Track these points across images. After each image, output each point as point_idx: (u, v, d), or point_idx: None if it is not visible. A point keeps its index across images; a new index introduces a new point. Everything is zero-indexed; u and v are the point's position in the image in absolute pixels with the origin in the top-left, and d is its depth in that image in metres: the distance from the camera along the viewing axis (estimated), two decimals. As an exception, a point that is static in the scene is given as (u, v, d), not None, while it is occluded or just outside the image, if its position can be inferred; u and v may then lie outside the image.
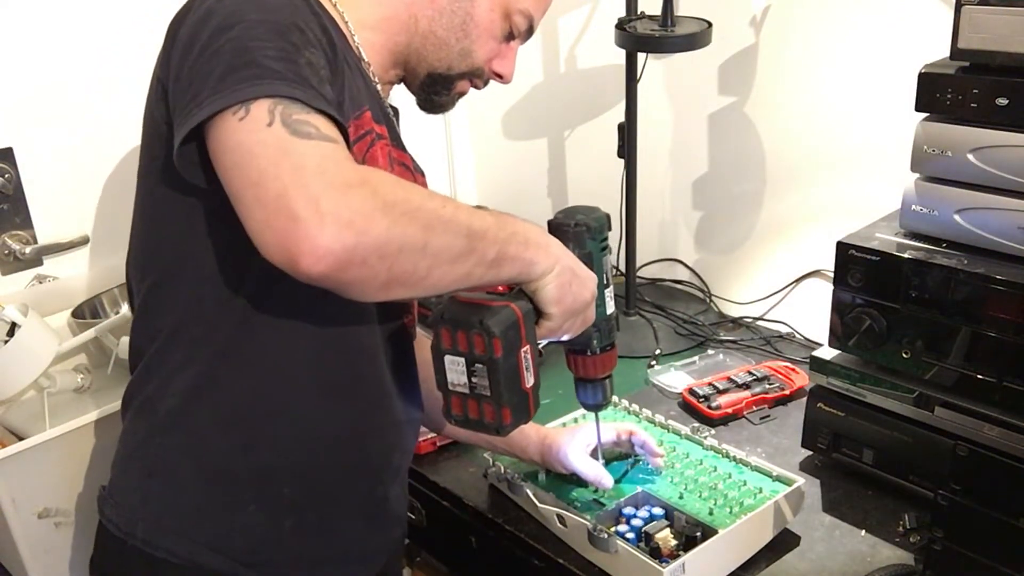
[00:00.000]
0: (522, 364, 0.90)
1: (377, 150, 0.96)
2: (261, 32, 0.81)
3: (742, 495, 1.18)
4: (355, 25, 1.00)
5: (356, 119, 0.93)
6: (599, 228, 0.99)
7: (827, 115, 1.61)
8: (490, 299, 0.90)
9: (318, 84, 0.81)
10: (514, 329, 0.88)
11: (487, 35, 1.04)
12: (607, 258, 1.01)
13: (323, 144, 0.76)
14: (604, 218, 1.01)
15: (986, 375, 1.11)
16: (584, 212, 1.00)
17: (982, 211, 1.12)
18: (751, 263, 1.82)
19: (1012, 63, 1.06)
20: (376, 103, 1.00)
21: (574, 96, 2.00)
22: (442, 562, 1.50)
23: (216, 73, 0.79)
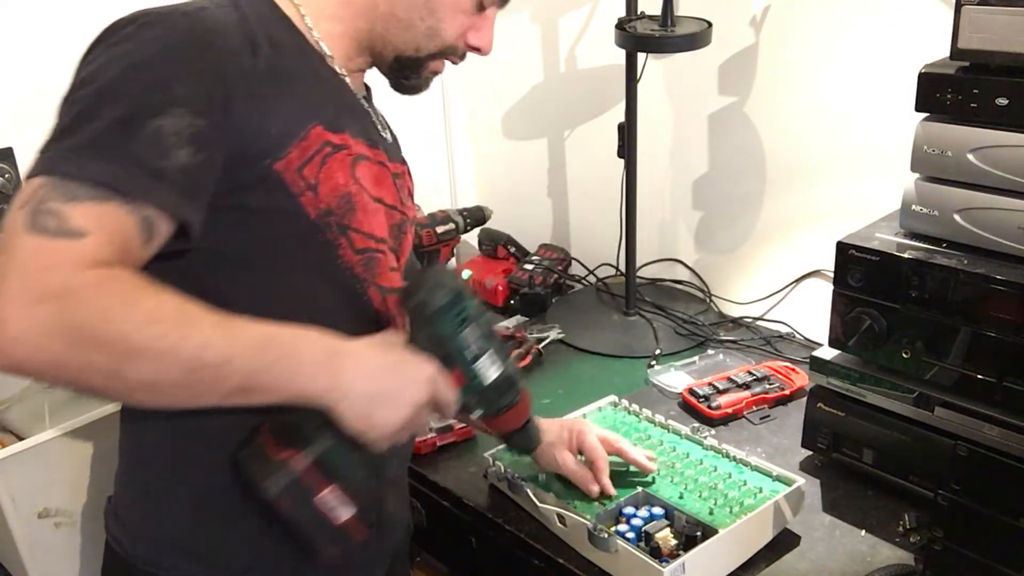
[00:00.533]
0: (322, 508, 0.85)
1: (333, 165, 0.92)
2: (113, 96, 0.80)
3: (742, 495, 1.18)
4: (313, 18, 0.97)
5: (301, 141, 0.89)
6: (446, 306, 0.90)
7: (827, 115, 1.61)
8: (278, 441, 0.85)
9: (154, 156, 0.78)
10: (296, 486, 0.84)
11: (454, 10, 0.98)
12: (466, 332, 0.91)
13: (50, 243, 0.74)
14: (453, 290, 0.91)
15: (986, 375, 1.11)
16: (429, 287, 0.91)
17: (982, 211, 1.12)
18: (751, 263, 1.82)
19: (1012, 63, 1.06)
20: (340, 104, 0.98)
21: (574, 96, 2.00)
22: (442, 562, 1.50)
23: (54, 131, 0.80)
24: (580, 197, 2.10)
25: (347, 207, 0.94)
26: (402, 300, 0.94)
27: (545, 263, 1.98)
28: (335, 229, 0.93)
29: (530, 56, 2.00)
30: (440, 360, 0.91)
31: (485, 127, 2.21)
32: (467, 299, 0.92)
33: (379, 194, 1.00)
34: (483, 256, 2.08)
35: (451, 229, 1.93)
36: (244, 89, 0.85)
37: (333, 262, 0.95)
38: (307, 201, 0.90)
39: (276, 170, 0.88)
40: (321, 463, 0.85)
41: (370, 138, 1.00)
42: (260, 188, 0.88)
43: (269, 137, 0.87)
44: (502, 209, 2.09)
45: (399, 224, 1.05)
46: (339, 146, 0.94)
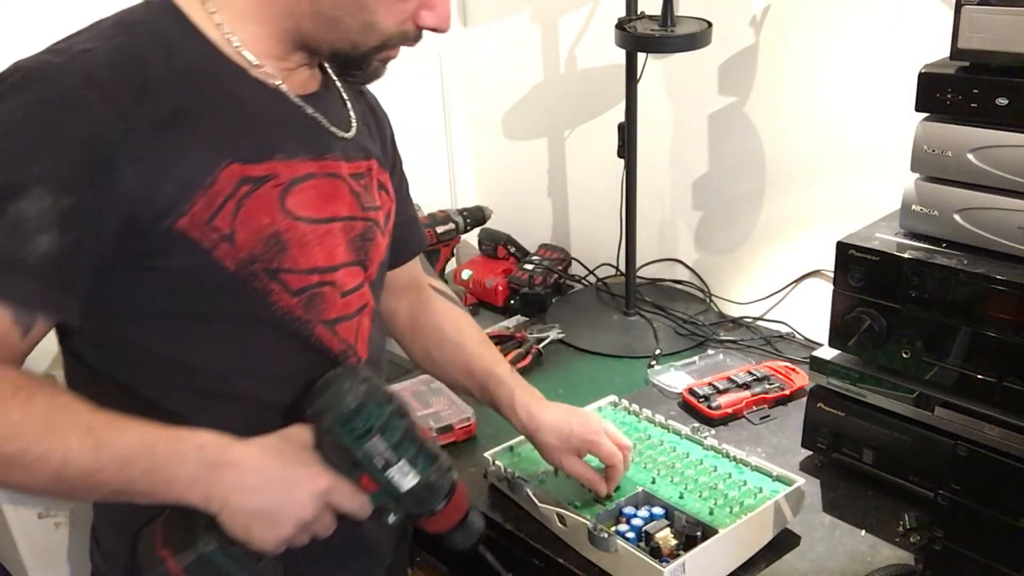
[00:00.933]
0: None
1: (253, 205, 0.86)
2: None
3: (742, 495, 1.18)
4: (230, 24, 0.88)
5: (207, 189, 0.83)
6: (349, 414, 0.85)
7: (827, 115, 1.61)
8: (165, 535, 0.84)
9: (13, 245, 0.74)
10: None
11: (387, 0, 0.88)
12: (374, 441, 0.86)
13: None
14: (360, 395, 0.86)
15: (986, 375, 1.11)
16: (333, 393, 0.86)
17: (982, 211, 1.12)
18: (751, 263, 1.82)
19: (1012, 63, 1.06)
20: (268, 124, 0.90)
21: (574, 96, 2.00)
22: (442, 562, 1.50)
23: None
24: (580, 197, 2.10)
25: (275, 248, 0.88)
26: (305, 403, 0.88)
27: (545, 263, 1.98)
28: (262, 276, 0.88)
29: (530, 56, 2.00)
30: (347, 465, 0.87)
31: (485, 127, 2.20)
32: (374, 406, 0.86)
33: (329, 212, 0.94)
34: (483, 256, 2.08)
35: (451, 229, 1.93)
36: (127, 150, 0.79)
37: (266, 309, 0.89)
38: (223, 253, 0.85)
39: (180, 228, 0.82)
40: (200, 565, 0.83)
41: (315, 149, 0.93)
42: (167, 250, 0.83)
43: (164, 196, 0.81)
44: (502, 209, 2.09)
45: (362, 234, 0.99)
46: (262, 179, 0.87)
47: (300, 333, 0.93)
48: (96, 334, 0.87)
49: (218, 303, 0.88)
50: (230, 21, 0.88)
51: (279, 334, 0.92)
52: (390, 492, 0.88)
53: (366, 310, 1.01)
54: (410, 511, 0.91)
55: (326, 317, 0.95)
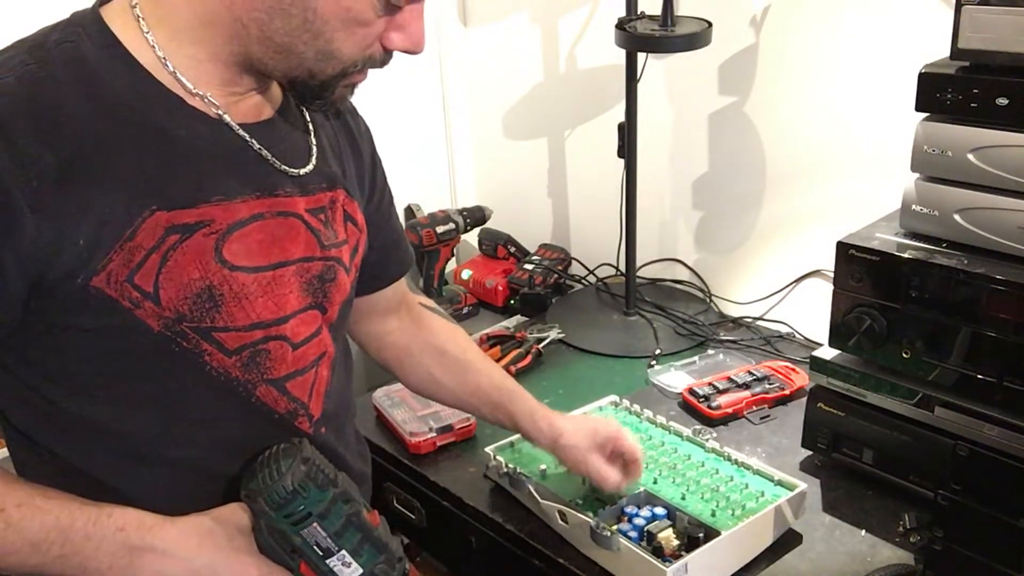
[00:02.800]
0: None
1: (181, 258, 0.78)
2: None
3: (744, 498, 1.18)
4: (166, 47, 0.78)
5: (125, 243, 0.75)
6: (283, 500, 0.79)
7: (827, 115, 1.61)
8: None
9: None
10: None
11: (347, 25, 0.78)
12: (312, 528, 0.81)
13: None
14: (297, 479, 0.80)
15: (986, 375, 1.11)
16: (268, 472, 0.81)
17: (982, 211, 1.12)
18: (751, 263, 1.82)
19: (1012, 63, 1.06)
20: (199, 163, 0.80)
21: (574, 96, 2.00)
22: (442, 562, 1.50)
23: None
24: (580, 197, 2.10)
25: (208, 305, 0.80)
26: (242, 481, 0.83)
27: (545, 263, 1.98)
28: (192, 336, 0.80)
29: (530, 56, 2.00)
30: (287, 549, 0.82)
31: (485, 127, 2.21)
32: (314, 490, 0.81)
33: (279, 256, 0.85)
34: (483, 256, 2.08)
35: (451, 229, 1.93)
36: (29, 200, 0.71)
37: (198, 372, 0.82)
38: (145, 314, 0.77)
39: (95, 286, 0.75)
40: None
41: (262, 187, 0.84)
42: (82, 308, 0.75)
43: (75, 250, 0.73)
44: (502, 209, 2.09)
45: (321, 274, 0.90)
46: (193, 226, 0.78)
47: (238, 394, 0.85)
48: (14, 394, 0.82)
49: (142, 364, 0.80)
50: (166, 42, 0.78)
51: (214, 396, 0.84)
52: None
53: (324, 359, 0.93)
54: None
55: (272, 376, 0.87)
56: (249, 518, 0.82)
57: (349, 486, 0.85)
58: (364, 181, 1.01)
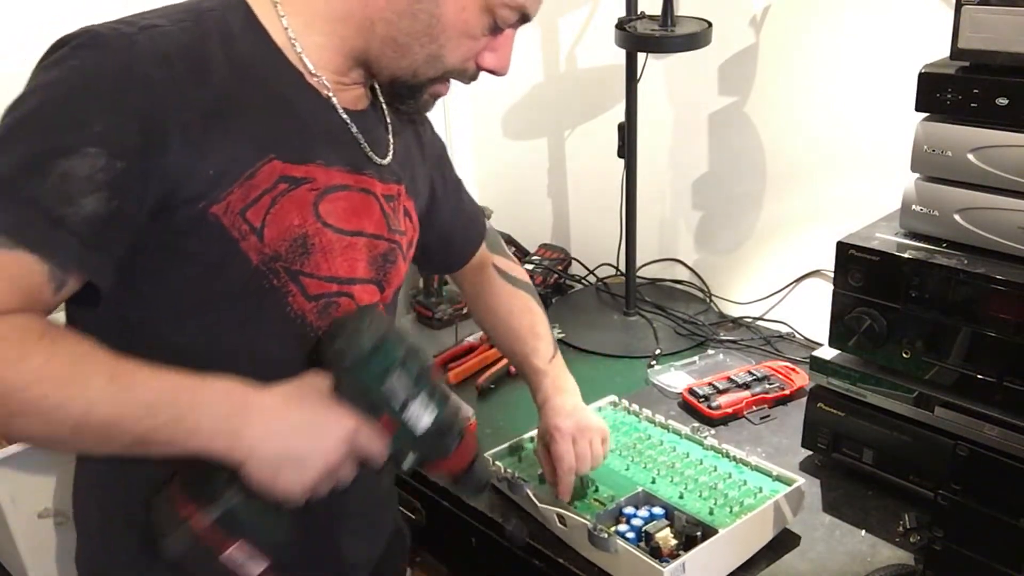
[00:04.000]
0: (232, 564, 0.82)
1: (287, 204, 0.86)
2: (27, 129, 0.76)
3: (742, 495, 1.18)
4: (299, 31, 0.89)
5: (246, 180, 0.83)
6: (367, 354, 0.84)
7: (827, 115, 1.61)
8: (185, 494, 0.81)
9: (58, 202, 0.74)
10: (199, 544, 0.80)
11: (460, 36, 0.90)
12: (392, 379, 0.85)
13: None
14: (376, 335, 0.85)
15: (986, 375, 1.11)
16: (348, 334, 0.85)
17: (982, 211, 1.12)
18: (751, 263, 1.82)
19: (1012, 63, 1.06)
20: (313, 130, 0.90)
21: (574, 96, 2.00)
22: (442, 562, 1.50)
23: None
24: (580, 197, 2.10)
25: (301, 250, 0.88)
26: (321, 349, 0.87)
27: (545, 263, 1.98)
28: (283, 275, 0.87)
29: (530, 56, 2.00)
30: (366, 407, 0.85)
31: (485, 127, 2.20)
32: (391, 344, 0.86)
33: (357, 226, 0.94)
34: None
35: (451, 229, 1.93)
36: (180, 128, 0.79)
37: (281, 309, 0.88)
38: (249, 246, 0.84)
39: (213, 214, 0.82)
40: (226, 520, 0.81)
41: (353, 164, 0.94)
42: (196, 232, 0.82)
43: (206, 178, 0.81)
44: (502, 209, 2.09)
45: (385, 254, 0.98)
46: (300, 180, 0.87)
47: (309, 339, 0.91)
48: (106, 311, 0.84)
49: (234, 294, 0.87)
50: (298, 28, 0.89)
51: (289, 336, 0.90)
52: (407, 433, 0.87)
53: None
54: (426, 453, 0.90)
55: None
56: (329, 383, 0.86)
57: (415, 342, 0.89)
58: (427, 181, 1.13)
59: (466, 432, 0.93)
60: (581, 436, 1.19)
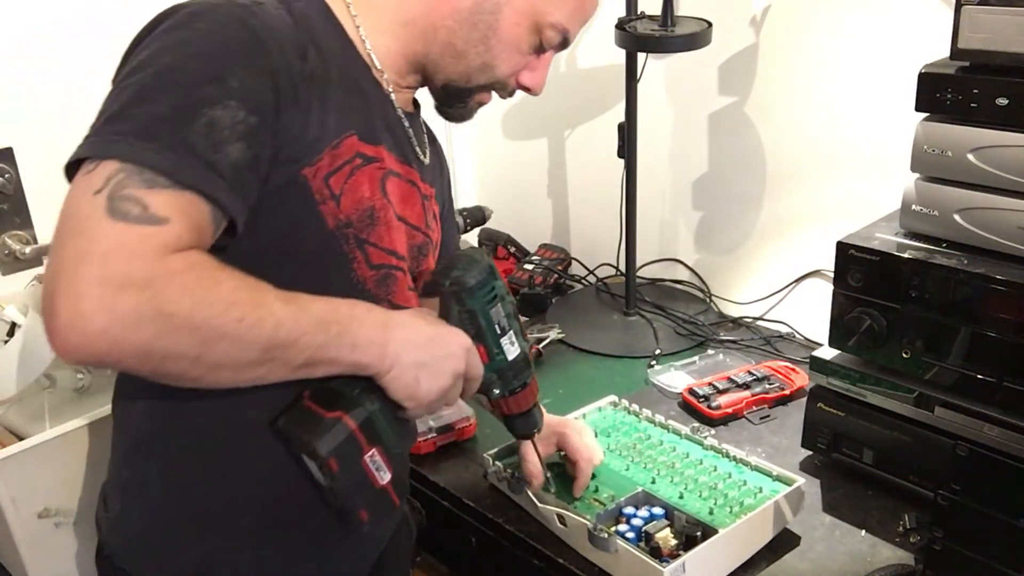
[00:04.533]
0: (368, 468, 0.88)
1: (361, 177, 0.93)
2: (168, 81, 0.79)
3: (742, 495, 1.18)
4: (369, 30, 0.97)
5: (333, 149, 0.90)
6: (479, 283, 0.95)
7: (827, 115, 1.61)
8: (325, 405, 0.87)
9: (208, 148, 0.78)
10: (348, 443, 0.86)
11: (511, 49, 0.99)
12: (496, 309, 0.97)
13: (135, 229, 0.73)
14: (486, 268, 0.96)
15: (986, 375, 1.11)
16: (463, 266, 0.96)
17: (982, 211, 1.12)
18: (751, 263, 1.82)
19: (1012, 63, 1.06)
20: (379, 118, 0.97)
21: (574, 96, 2.00)
22: (442, 562, 1.50)
23: (107, 113, 0.79)
24: (580, 197, 2.10)
25: (368, 221, 0.94)
26: (437, 277, 0.97)
27: (545, 263, 1.98)
28: (352, 241, 0.93)
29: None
30: (472, 333, 0.95)
31: (485, 127, 2.21)
32: (497, 281, 0.97)
33: (404, 213, 1.00)
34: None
35: (451, 229, 1.93)
36: (291, 92, 0.85)
37: (346, 275, 0.94)
38: (328, 210, 0.90)
39: (304, 175, 0.88)
40: (367, 425, 0.87)
41: (404, 156, 1.01)
42: (285, 191, 0.87)
43: (306, 141, 0.87)
44: (502, 209, 2.09)
45: (420, 245, 1.04)
46: (371, 158, 0.94)
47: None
48: None
49: (307, 255, 0.92)
50: (367, 27, 0.97)
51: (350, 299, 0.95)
52: (497, 363, 0.99)
53: None
54: (508, 383, 1.02)
55: (393, 300, 0.99)
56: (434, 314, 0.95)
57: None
58: (441, 198, 1.18)
59: (532, 377, 1.05)
60: (585, 431, 1.25)
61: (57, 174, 0.78)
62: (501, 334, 0.98)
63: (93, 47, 1.57)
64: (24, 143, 1.52)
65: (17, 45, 1.51)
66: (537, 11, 0.98)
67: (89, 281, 0.70)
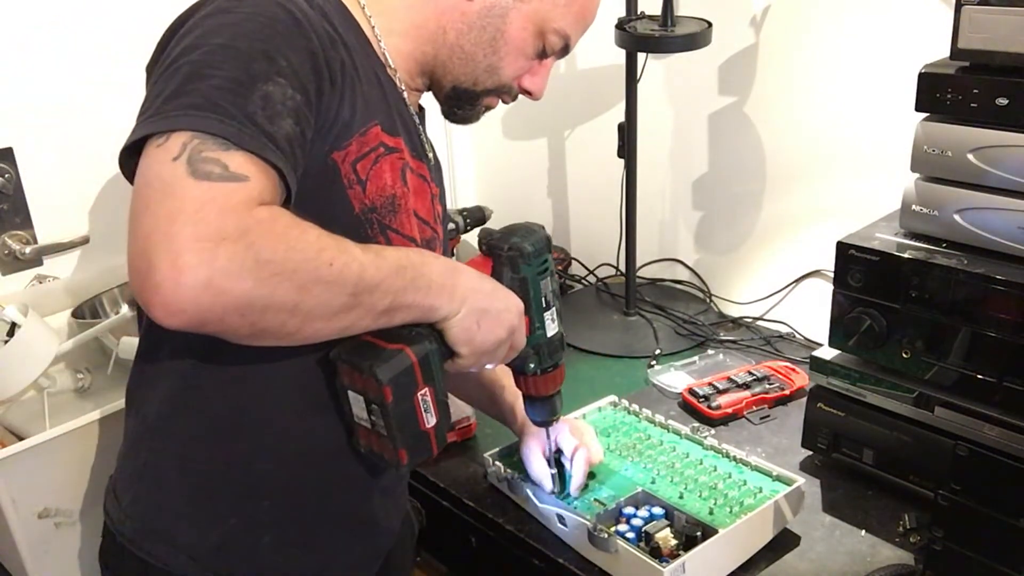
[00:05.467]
0: (419, 406, 0.90)
1: (384, 165, 0.95)
2: (221, 58, 0.81)
3: (742, 495, 1.18)
4: (383, 31, 0.99)
5: (361, 135, 0.92)
6: (535, 252, 0.99)
7: (827, 115, 1.61)
8: (387, 340, 0.88)
9: (265, 120, 0.80)
10: (407, 375, 0.87)
11: (517, 53, 1.02)
12: (546, 281, 1.01)
13: (220, 186, 0.75)
14: (543, 240, 1.00)
15: (986, 375, 1.11)
16: (522, 234, 0.99)
17: (982, 211, 1.12)
18: (751, 263, 1.82)
19: (1012, 63, 1.06)
20: (395, 112, 0.99)
21: (574, 96, 2.00)
22: (442, 562, 1.50)
23: (164, 94, 0.80)
24: (580, 197, 2.10)
25: (391, 208, 0.96)
26: (496, 241, 1.00)
27: (545, 263, 1.97)
28: (376, 227, 0.95)
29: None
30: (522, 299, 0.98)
31: (485, 127, 2.20)
32: (550, 255, 1.00)
33: (416, 206, 1.02)
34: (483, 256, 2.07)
35: (451, 229, 1.93)
36: (329, 76, 0.87)
37: None
38: (354, 195, 0.92)
39: (334, 159, 0.90)
40: (425, 362, 0.89)
41: (416, 152, 1.03)
42: (316, 174, 0.89)
43: (338, 126, 0.90)
44: (502, 209, 2.09)
45: (429, 240, 1.06)
46: (393, 148, 0.97)
47: None
48: None
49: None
50: (382, 27, 0.99)
51: None
52: (539, 337, 1.02)
53: None
54: (544, 359, 1.05)
55: None
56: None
57: None
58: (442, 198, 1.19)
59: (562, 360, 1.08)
60: (586, 431, 1.26)
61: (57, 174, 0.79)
62: (546, 308, 1.01)
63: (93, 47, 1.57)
64: (24, 143, 1.52)
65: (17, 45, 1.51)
66: (542, 17, 1.01)
67: (186, 238, 0.71)
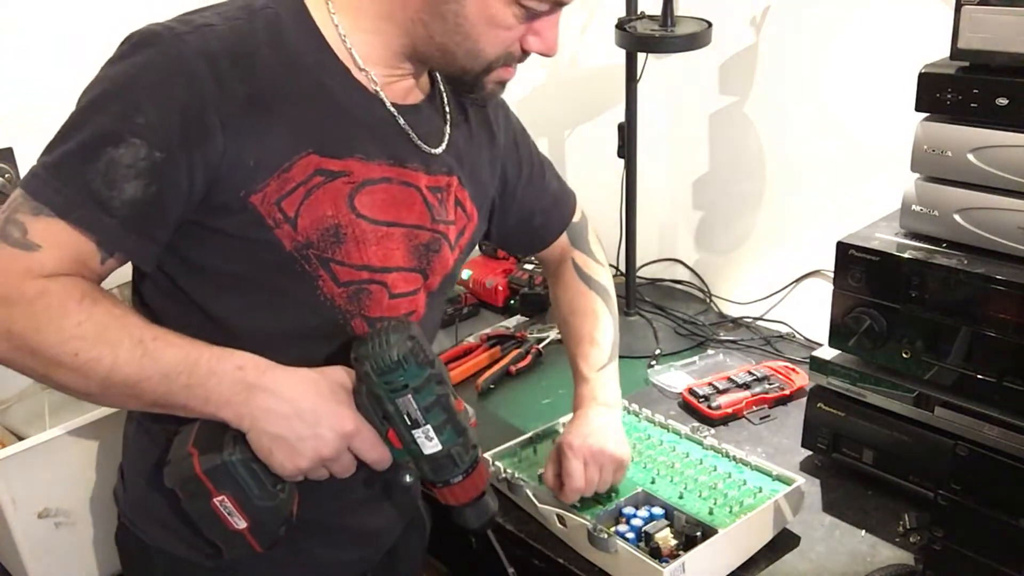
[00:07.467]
0: (220, 511, 0.88)
1: (321, 196, 0.91)
2: (84, 118, 0.84)
3: (742, 495, 1.18)
4: (348, 28, 0.93)
5: (282, 173, 0.88)
6: (384, 370, 0.87)
7: (827, 115, 1.61)
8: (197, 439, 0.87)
9: (104, 186, 0.82)
10: (194, 483, 0.86)
11: (489, 28, 0.92)
12: (406, 399, 0.88)
13: (7, 251, 0.81)
14: (402, 355, 0.86)
15: (986, 375, 1.11)
16: (380, 343, 0.87)
17: (982, 211, 1.12)
18: (751, 263, 1.82)
19: (1012, 63, 1.06)
20: (354, 124, 0.94)
21: (574, 96, 2.00)
22: (442, 562, 1.50)
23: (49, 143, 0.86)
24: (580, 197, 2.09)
25: (333, 239, 0.93)
26: (354, 345, 0.92)
27: (545, 263, 1.97)
28: (314, 262, 0.93)
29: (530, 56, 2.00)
30: (379, 416, 0.90)
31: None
32: (414, 366, 0.87)
33: (395, 217, 0.97)
34: (483, 256, 2.08)
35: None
36: (221, 120, 0.85)
37: (311, 293, 0.94)
38: (283, 233, 0.90)
39: (252, 202, 0.88)
40: (221, 471, 0.87)
41: (396, 156, 0.97)
42: (236, 217, 0.89)
43: (246, 169, 0.87)
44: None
45: (427, 243, 1.02)
46: (336, 174, 0.92)
47: (337, 321, 0.97)
48: (161, 277, 0.94)
49: (268, 275, 0.93)
50: (347, 24, 0.94)
51: (318, 317, 0.96)
52: (412, 452, 0.92)
53: (412, 316, 1.03)
54: (427, 476, 0.94)
55: (368, 313, 0.98)
56: (351, 381, 0.91)
57: (443, 370, 0.92)
58: (497, 165, 1.17)
59: (475, 469, 0.96)
60: (593, 460, 1.16)
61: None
62: (413, 426, 0.89)
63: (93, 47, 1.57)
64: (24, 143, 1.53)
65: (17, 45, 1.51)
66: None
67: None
